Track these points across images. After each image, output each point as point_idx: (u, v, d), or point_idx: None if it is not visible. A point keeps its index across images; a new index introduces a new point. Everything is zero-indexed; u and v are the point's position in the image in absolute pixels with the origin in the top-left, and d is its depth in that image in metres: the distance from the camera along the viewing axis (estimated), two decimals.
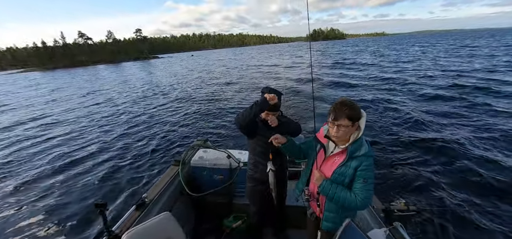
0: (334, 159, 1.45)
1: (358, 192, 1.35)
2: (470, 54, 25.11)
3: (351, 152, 1.36)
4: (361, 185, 1.35)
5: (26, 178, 4.89)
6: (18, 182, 4.82)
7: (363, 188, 1.34)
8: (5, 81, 40.65)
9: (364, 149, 1.37)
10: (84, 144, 6.57)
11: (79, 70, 61.37)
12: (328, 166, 1.47)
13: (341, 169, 1.40)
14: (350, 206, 1.39)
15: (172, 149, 5.97)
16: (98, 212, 1.39)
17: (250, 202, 2.11)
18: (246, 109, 1.68)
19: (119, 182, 4.54)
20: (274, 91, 1.73)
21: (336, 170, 1.42)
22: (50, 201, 4.04)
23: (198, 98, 12.02)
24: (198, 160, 2.57)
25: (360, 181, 1.35)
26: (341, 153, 1.42)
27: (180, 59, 75.00)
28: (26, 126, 9.57)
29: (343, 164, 1.39)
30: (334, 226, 1.49)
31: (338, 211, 1.48)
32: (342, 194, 1.37)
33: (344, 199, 1.37)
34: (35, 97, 18.15)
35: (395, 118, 7.67)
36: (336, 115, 1.34)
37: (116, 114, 9.50)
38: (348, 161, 1.38)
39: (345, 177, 1.39)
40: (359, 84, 13.70)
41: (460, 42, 50.66)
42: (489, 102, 8.41)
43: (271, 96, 1.61)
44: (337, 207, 1.46)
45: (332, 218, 1.50)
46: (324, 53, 45.68)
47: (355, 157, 1.36)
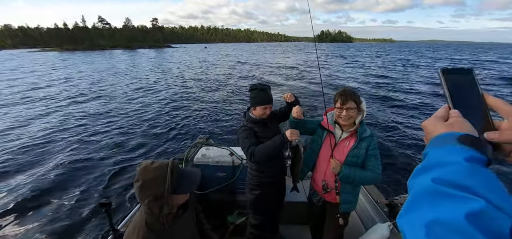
0: (345, 143, 1.57)
1: (373, 168, 1.53)
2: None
3: (360, 133, 1.52)
4: (374, 162, 1.53)
5: (26, 176, 4.65)
6: (18, 179, 4.57)
7: (376, 164, 1.53)
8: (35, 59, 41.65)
9: (368, 130, 1.57)
10: (88, 142, 6.15)
11: (97, 54, 61.28)
12: (340, 150, 1.57)
13: (354, 151, 1.53)
14: (368, 183, 1.60)
15: (175, 147, 5.91)
16: (103, 211, 1.39)
17: (255, 212, 1.93)
18: (265, 147, 1.58)
19: (123, 180, 4.43)
20: (262, 86, 1.73)
21: (349, 152, 1.54)
22: (52, 200, 3.93)
23: (202, 94, 11.75)
24: (201, 157, 2.52)
25: (372, 159, 1.53)
26: (350, 136, 1.56)
27: (195, 51, 76.30)
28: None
29: (355, 146, 1.53)
30: (351, 206, 1.65)
31: (352, 190, 1.62)
32: (361, 174, 1.51)
33: (363, 178, 1.52)
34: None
35: (400, 114, 8.04)
36: (344, 100, 1.48)
37: (120, 112, 8.86)
38: (359, 143, 1.53)
39: (359, 158, 1.53)
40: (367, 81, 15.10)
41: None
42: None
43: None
44: (352, 187, 1.60)
45: (348, 199, 1.62)
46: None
47: (364, 138, 1.53)
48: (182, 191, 1.03)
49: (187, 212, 1.16)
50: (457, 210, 0.25)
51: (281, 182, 1.93)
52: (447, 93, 0.43)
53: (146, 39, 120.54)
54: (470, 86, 0.43)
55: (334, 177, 1.59)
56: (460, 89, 0.43)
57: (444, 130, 0.38)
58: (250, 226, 2.01)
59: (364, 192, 2.22)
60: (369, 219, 2.05)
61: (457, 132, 0.36)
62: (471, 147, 0.32)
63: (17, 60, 40.26)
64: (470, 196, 0.26)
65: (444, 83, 0.44)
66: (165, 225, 1.02)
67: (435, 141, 0.37)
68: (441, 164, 0.32)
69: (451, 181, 0.28)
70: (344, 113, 1.49)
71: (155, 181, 0.96)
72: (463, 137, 0.34)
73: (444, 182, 0.29)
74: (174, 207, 1.03)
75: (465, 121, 0.38)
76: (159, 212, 0.98)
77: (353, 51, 64.74)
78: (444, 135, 0.37)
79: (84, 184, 4.41)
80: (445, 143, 0.35)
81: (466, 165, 0.30)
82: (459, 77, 0.44)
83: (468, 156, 0.31)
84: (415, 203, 0.30)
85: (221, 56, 44.27)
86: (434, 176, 0.30)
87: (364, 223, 2.14)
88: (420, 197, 0.30)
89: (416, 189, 0.31)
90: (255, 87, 1.73)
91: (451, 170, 0.30)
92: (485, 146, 0.34)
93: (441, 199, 0.27)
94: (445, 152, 0.33)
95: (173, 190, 0.98)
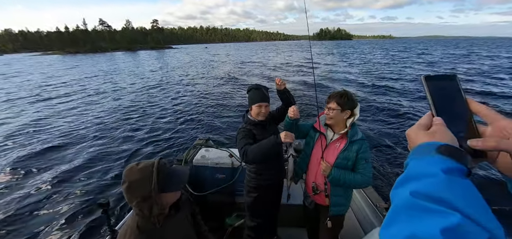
0: (335, 144, 1.59)
1: (363, 172, 1.54)
2: None
3: (351, 136, 1.54)
4: (364, 165, 1.54)
5: (25, 174, 4.69)
6: (17, 177, 4.60)
7: (366, 167, 1.54)
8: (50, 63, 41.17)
9: (360, 133, 1.58)
10: (85, 141, 6.15)
11: (100, 56, 61.77)
12: (331, 152, 1.59)
13: (344, 153, 1.54)
14: (358, 186, 1.61)
15: (174, 148, 5.90)
16: (101, 212, 1.38)
17: (252, 214, 1.93)
18: (258, 147, 1.58)
19: (121, 181, 5.31)
20: (257, 85, 1.77)
21: (339, 154, 1.55)
22: (51, 200, 3.91)
23: (200, 96, 11.62)
24: (200, 159, 2.51)
25: (362, 162, 1.54)
26: (341, 138, 1.59)
27: (196, 51, 76.94)
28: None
29: (345, 148, 1.54)
30: (341, 209, 1.67)
31: (343, 193, 1.64)
32: (350, 177, 1.52)
33: (352, 181, 1.53)
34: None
35: (397, 116, 7.99)
36: (328, 99, 1.57)
37: (118, 112, 8.85)
38: (349, 145, 1.54)
39: (348, 160, 1.54)
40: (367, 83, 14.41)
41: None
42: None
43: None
44: (343, 190, 1.61)
45: (338, 202, 1.63)
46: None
47: (355, 141, 1.54)
48: (170, 190, 1.02)
49: (180, 212, 1.15)
50: (433, 225, 0.25)
51: (279, 184, 1.94)
52: (430, 101, 0.43)
53: (147, 40, 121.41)
54: (454, 93, 0.43)
55: (324, 179, 1.60)
56: (444, 96, 0.43)
57: (426, 139, 0.38)
58: (247, 228, 2.01)
59: (363, 195, 2.19)
60: (368, 222, 2.03)
61: (438, 141, 0.36)
62: (450, 157, 0.33)
63: (24, 64, 40.66)
64: (447, 210, 0.27)
65: (427, 90, 0.43)
66: (156, 225, 1.01)
67: (416, 151, 0.37)
68: (419, 176, 0.32)
69: (428, 194, 0.29)
70: (326, 112, 1.58)
71: (141, 181, 0.96)
72: (443, 147, 0.34)
73: (421, 195, 0.29)
74: (165, 207, 1.02)
75: (446, 130, 0.38)
76: (149, 213, 0.98)
77: (354, 49, 64.70)
78: (425, 144, 0.37)
79: (81, 184, 4.39)
80: (425, 153, 0.35)
81: (444, 177, 0.30)
82: (443, 84, 0.44)
83: (446, 167, 0.31)
84: (395, 217, 0.30)
85: (222, 57, 44.61)
86: (412, 189, 0.30)
87: (363, 226, 2.14)
88: (399, 211, 0.30)
89: (396, 202, 0.32)
90: (251, 88, 1.78)
91: (428, 182, 0.30)
92: (464, 156, 0.33)
93: (418, 213, 0.28)
94: (424, 163, 0.34)
95: (160, 189, 0.97)
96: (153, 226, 1.01)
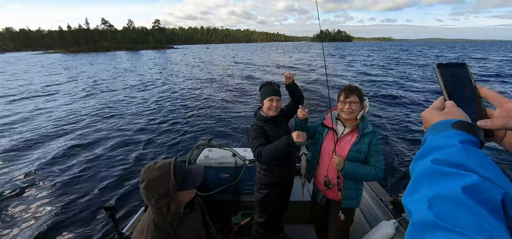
0: (347, 138, 1.59)
1: (376, 164, 1.54)
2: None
3: (362, 128, 1.54)
4: (376, 157, 1.55)
5: (30, 177, 4.66)
6: (22, 179, 4.58)
7: (379, 159, 1.55)
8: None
9: (370, 126, 1.57)
10: (90, 145, 6.18)
11: (101, 55, 61.38)
12: (342, 146, 1.59)
13: (357, 146, 1.54)
14: (371, 178, 1.57)
15: (177, 149, 5.95)
16: (108, 215, 1.38)
17: (262, 211, 1.95)
18: (271, 148, 1.58)
19: (127, 184, 4.42)
20: (268, 82, 1.80)
21: (352, 147, 1.55)
22: (57, 203, 3.94)
23: (202, 96, 11.70)
24: (204, 159, 2.52)
25: (375, 155, 1.54)
26: (352, 131, 1.58)
27: (197, 51, 76.96)
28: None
29: (357, 141, 1.54)
30: (353, 202, 1.66)
31: (354, 186, 1.63)
32: (363, 170, 1.52)
33: (366, 174, 1.52)
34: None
35: (404, 112, 8.09)
36: (347, 93, 1.53)
37: (123, 114, 8.83)
38: (361, 138, 1.54)
39: (361, 153, 1.54)
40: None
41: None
42: None
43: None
44: (354, 183, 1.62)
45: (350, 195, 1.63)
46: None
47: (366, 133, 1.54)
48: (187, 187, 1.04)
49: (194, 212, 1.17)
50: (455, 185, 0.28)
51: (289, 181, 1.95)
52: (443, 86, 0.46)
53: (148, 40, 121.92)
54: (464, 79, 0.46)
55: (336, 173, 1.60)
56: (455, 82, 0.46)
57: (440, 118, 0.41)
58: (256, 224, 2.02)
59: (368, 190, 2.21)
60: (374, 217, 2.03)
61: (452, 119, 0.39)
62: (465, 131, 0.36)
63: (29, 63, 40.59)
64: (465, 172, 0.30)
65: (440, 77, 0.47)
66: (173, 224, 1.02)
67: (433, 128, 0.41)
68: (438, 147, 0.35)
69: (448, 161, 0.32)
70: (347, 107, 1.53)
71: (159, 179, 0.97)
72: (458, 123, 0.38)
73: (442, 162, 0.32)
74: (181, 205, 1.04)
75: (459, 110, 0.42)
76: (167, 211, 0.99)
77: (355, 50, 64.48)
78: (441, 122, 0.40)
79: (87, 187, 4.37)
80: (442, 129, 0.38)
81: (461, 147, 0.33)
82: (454, 71, 0.47)
83: (462, 139, 0.35)
84: (418, 183, 0.33)
85: (223, 57, 44.73)
86: (433, 158, 0.33)
87: (369, 221, 2.15)
88: (421, 178, 0.32)
89: (418, 171, 0.34)
90: (263, 84, 1.82)
91: (447, 151, 0.33)
92: (477, 130, 0.37)
93: (440, 177, 0.31)
94: (442, 137, 0.37)
95: (178, 187, 0.99)
96: (170, 225, 1.03)
